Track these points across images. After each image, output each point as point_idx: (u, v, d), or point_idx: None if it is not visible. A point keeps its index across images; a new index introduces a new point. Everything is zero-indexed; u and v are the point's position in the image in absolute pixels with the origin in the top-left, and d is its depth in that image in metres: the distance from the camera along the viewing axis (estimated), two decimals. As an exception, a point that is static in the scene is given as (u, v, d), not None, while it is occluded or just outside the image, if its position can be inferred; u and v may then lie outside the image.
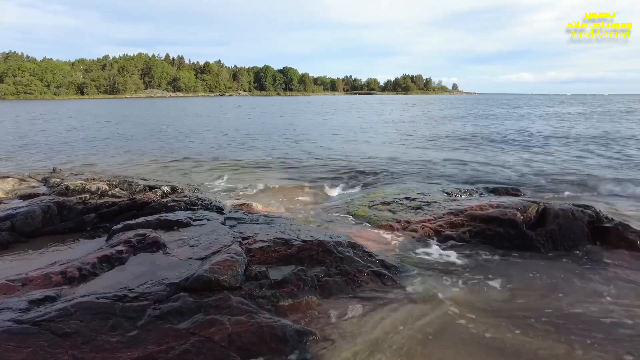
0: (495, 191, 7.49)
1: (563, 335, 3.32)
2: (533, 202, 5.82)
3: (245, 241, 4.45)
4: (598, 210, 5.60)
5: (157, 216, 5.38)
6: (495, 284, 4.24)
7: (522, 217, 5.43)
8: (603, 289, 4.13)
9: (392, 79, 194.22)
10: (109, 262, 4.03)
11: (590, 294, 4.01)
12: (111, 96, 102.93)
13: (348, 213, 6.46)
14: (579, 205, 5.63)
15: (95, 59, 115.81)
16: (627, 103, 67.66)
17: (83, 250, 4.59)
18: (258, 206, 6.52)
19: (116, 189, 6.89)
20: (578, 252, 5.01)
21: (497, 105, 60.76)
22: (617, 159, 12.43)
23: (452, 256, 4.87)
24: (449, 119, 32.20)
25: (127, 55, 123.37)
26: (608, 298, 3.94)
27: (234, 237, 4.52)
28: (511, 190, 7.67)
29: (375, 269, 4.27)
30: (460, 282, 4.26)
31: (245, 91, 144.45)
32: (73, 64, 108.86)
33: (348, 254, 4.40)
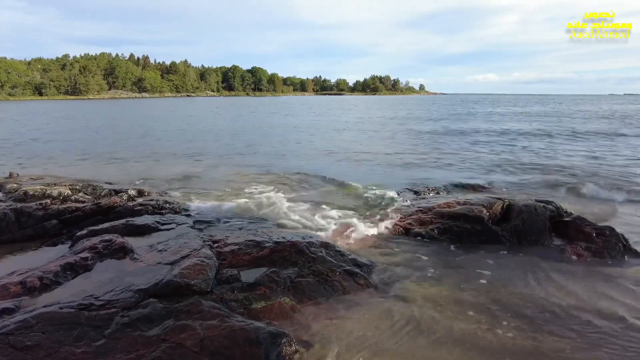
0: (462, 188, 7.70)
1: (529, 326, 3.47)
2: (498, 198, 6.03)
3: (216, 244, 4.39)
4: (558, 205, 5.87)
5: (123, 221, 5.22)
6: (465, 279, 4.36)
7: (488, 214, 5.61)
8: (564, 280, 4.33)
9: (361, 79, 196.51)
10: (73, 269, 3.87)
11: (553, 286, 4.20)
12: (72, 97, 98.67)
13: (320, 213, 6.47)
14: (541, 201, 5.88)
15: (55, 58, 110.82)
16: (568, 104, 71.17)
17: (44, 258, 4.38)
18: (228, 208, 6.43)
19: (79, 194, 6.63)
20: (541, 245, 5.24)
21: (465, 105, 62.57)
22: (579, 155, 13.05)
23: (422, 253, 4.97)
24: (417, 118, 32.87)
25: (88, 54, 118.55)
26: (568, 289, 4.14)
27: (204, 241, 4.45)
28: (477, 187, 7.91)
29: (347, 267, 4.30)
30: (430, 278, 4.36)
31: (213, 91, 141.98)
32: (29, 63, 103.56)
33: (320, 254, 4.41)
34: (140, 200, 6.50)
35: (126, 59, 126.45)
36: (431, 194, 7.19)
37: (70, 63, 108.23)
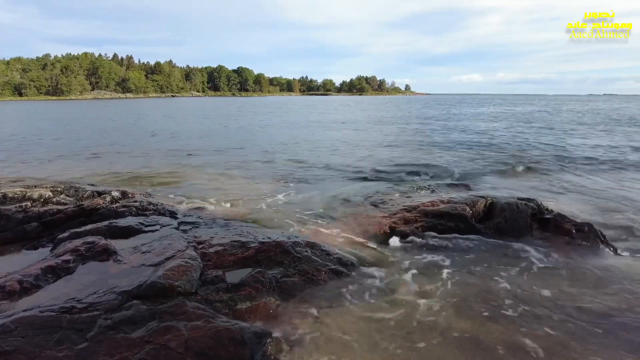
0: (446, 187, 7.80)
1: (513, 321, 3.53)
2: (481, 196, 6.13)
3: (200, 245, 4.37)
4: (540, 202, 6.00)
5: (106, 223, 5.15)
6: (449, 276, 4.42)
7: (471, 212, 5.70)
8: (545, 276, 4.43)
9: (348, 80, 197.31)
10: (55, 272, 3.81)
11: (534, 281, 4.29)
12: (54, 98, 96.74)
13: (306, 212, 6.49)
14: (523, 199, 6.00)
15: (35, 57, 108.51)
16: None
17: (24, 261, 4.30)
18: (213, 209, 6.40)
19: (61, 196, 6.51)
20: (523, 242, 5.33)
21: (449, 105, 63.29)
22: (557, 152, 13.32)
23: (407, 251, 5.03)
24: (401, 119, 33.14)
25: (70, 54, 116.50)
26: (549, 284, 4.23)
27: (188, 242, 4.43)
28: (461, 185, 8.02)
29: (333, 267, 4.33)
30: (415, 276, 4.41)
31: (198, 92, 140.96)
32: (8, 62, 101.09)
33: (306, 253, 4.43)
34: (123, 201, 6.41)
35: (109, 59, 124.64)
36: (415, 193, 7.27)
37: (51, 63, 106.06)
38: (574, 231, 5.37)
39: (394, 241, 5.29)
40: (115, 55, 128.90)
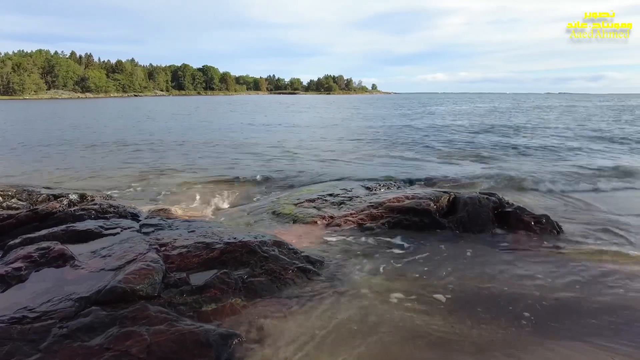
0: (410, 183, 7.95)
1: (479, 314, 3.63)
2: (444, 192, 6.29)
3: (163, 248, 4.24)
4: (501, 196, 6.22)
5: (63, 227, 4.92)
6: (415, 270, 4.50)
7: (435, 207, 5.84)
8: (508, 267, 4.58)
9: (315, 79, 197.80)
10: (4, 281, 3.59)
11: (498, 273, 4.43)
12: (6, 97, 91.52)
13: (274, 212, 6.44)
14: (485, 193, 6.21)
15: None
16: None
17: (-29, 271, 4.04)
18: (178, 211, 6.25)
19: (12, 200, 6.17)
20: (485, 235, 5.52)
21: (417, 104, 64.57)
22: (516, 149, 13.87)
23: (374, 247, 5.08)
24: (369, 117, 33.55)
25: (23, 51, 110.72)
26: (512, 275, 4.38)
27: (150, 245, 4.29)
28: (426, 181, 8.20)
29: (300, 265, 4.31)
30: (382, 271, 4.46)
31: (162, 91, 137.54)
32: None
33: (273, 252, 4.39)
34: (82, 204, 6.14)
35: (67, 56, 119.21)
36: (382, 190, 7.37)
37: (1, 60, 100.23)
38: (532, 223, 5.61)
39: (362, 238, 5.34)
40: (73, 53, 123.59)
